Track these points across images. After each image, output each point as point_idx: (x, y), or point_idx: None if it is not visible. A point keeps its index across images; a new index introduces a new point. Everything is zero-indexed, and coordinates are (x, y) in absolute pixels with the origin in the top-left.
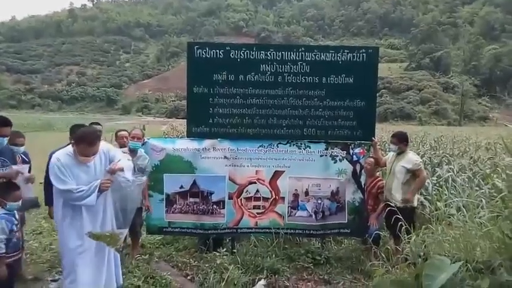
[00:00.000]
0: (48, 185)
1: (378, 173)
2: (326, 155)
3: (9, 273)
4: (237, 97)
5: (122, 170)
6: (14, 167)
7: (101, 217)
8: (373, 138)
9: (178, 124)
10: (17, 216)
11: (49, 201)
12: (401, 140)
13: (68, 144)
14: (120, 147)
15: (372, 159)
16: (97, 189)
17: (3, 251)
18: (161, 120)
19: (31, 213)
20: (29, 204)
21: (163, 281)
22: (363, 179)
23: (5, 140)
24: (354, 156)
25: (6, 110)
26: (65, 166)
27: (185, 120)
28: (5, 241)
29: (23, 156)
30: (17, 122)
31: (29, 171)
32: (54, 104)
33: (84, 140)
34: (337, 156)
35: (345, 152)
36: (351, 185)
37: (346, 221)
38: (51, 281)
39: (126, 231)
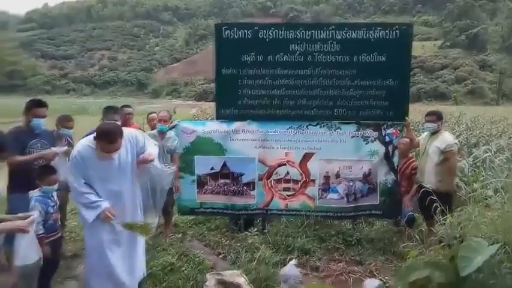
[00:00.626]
0: None
1: (411, 154)
2: (357, 136)
3: (51, 252)
4: (266, 78)
5: (152, 161)
6: (53, 148)
7: (130, 206)
8: (406, 118)
9: (207, 107)
10: (54, 198)
11: None
12: (439, 118)
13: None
14: (152, 129)
15: (406, 139)
16: (98, 211)
17: (42, 231)
18: (190, 104)
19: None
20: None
21: (197, 259)
22: (395, 160)
23: (42, 121)
24: (387, 137)
25: (42, 95)
26: (84, 159)
27: (214, 103)
28: (42, 222)
29: (69, 139)
30: (53, 107)
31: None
32: (87, 89)
33: (105, 138)
34: (369, 137)
35: (377, 132)
36: (383, 166)
37: (377, 203)
38: None
39: (157, 220)
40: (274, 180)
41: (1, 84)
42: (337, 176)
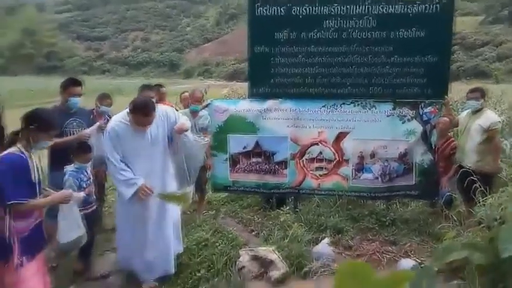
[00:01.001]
0: None
1: (449, 133)
2: (393, 115)
3: (86, 225)
4: (299, 56)
5: (187, 130)
6: (86, 130)
7: (162, 179)
8: (445, 96)
9: (238, 87)
10: (87, 173)
11: None
12: (483, 95)
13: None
14: (184, 108)
15: (447, 119)
16: (135, 188)
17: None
18: (222, 84)
19: None
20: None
21: (230, 235)
22: (433, 140)
23: (78, 100)
24: (424, 115)
25: (78, 76)
26: (118, 134)
27: (245, 83)
28: None
29: (107, 116)
30: (91, 88)
31: None
32: (122, 69)
33: (140, 111)
34: (406, 116)
35: (414, 111)
36: (420, 146)
37: (413, 183)
38: None
39: (192, 188)
40: (306, 159)
41: (40, 65)
42: (372, 156)
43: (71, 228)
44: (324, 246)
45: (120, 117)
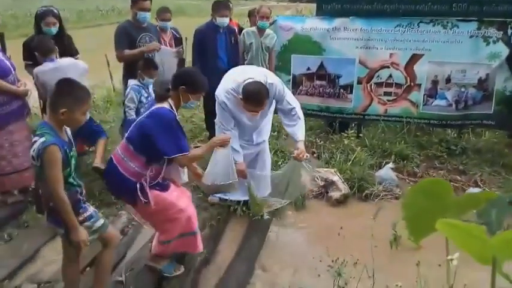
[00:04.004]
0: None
1: None
2: (477, 36)
3: None
4: None
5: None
6: (163, 46)
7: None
8: None
9: (303, 7)
10: (149, 90)
11: None
12: None
13: None
14: (252, 26)
15: None
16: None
17: (134, 117)
18: (284, 5)
19: None
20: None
21: (292, 155)
22: None
23: (148, 15)
24: None
25: None
26: (230, 108)
27: (310, 4)
28: (135, 109)
29: (173, 31)
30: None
31: (181, 45)
32: None
33: (253, 101)
34: (491, 37)
35: (502, 32)
36: (504, 71)
37: (491, 112)
38: None
39: None
40: (374, 83)
41: None
42: (448, 80)
43: (222, 173)
44: (388, 171)
45: (230, 88)
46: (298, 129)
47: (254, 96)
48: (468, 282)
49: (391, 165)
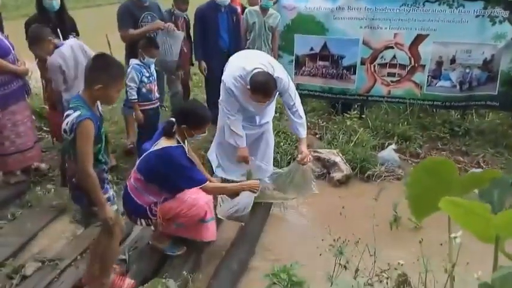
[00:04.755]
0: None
1: None
2: (483, 16)
3: (145, 121)
4: None
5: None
6: (158, 20)
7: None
8: None
9: None
10: (151, 70)
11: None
12: None
13: None
14: (251, 5)
15: None
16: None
17: (135, 97)
18: None
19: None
20: (168, 67)
21: (294, 136)
22: None
23: None
24: None
25: None
26: (237, 94)
27: None
28: (136, 89)
29: (186, 17)
30: None
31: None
32: None
33: (261, 93)
34: (497, 17)
35: (508, 11)
36: (509, 51)
37: (496, 93)
38: None
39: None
40: (378, 64)
41: None
42: (452, 61)
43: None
44: (390, 152)
45: (238, 75)
46: (300, 126)
47: (262, 88)
48: (470, 261)
49: (393, 146)
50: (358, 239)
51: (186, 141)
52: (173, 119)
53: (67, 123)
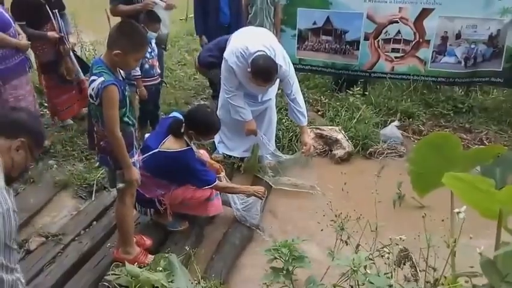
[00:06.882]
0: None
1: None
2: None
3: (148, 97)
4: None
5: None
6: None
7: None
8: None
9: None
10: (152, 45)
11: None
12: None
13: None
14: None
15: None
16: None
17: (139, 73)
18: None
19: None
20: (161, 40)
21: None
22: None
23: None
24: None
25: None
26: (237, 73)
27: None
28: (139, 65)
29: None
30: None
31: None
32: None
33: (262, 78)
34: None
35: None
36: None
37: (500, 69)
38: None
39: None
40: (382, 39)
41: None
42: (458, 36)
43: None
44: (393, 129)
45: (240, 55)
46: (300, 114)
47: (263, 73)
48: (473, 236)
49: (396, 123)
50: (360, 215)
51: (192, 141)
52: (180, 117)
53: (92, 89)
